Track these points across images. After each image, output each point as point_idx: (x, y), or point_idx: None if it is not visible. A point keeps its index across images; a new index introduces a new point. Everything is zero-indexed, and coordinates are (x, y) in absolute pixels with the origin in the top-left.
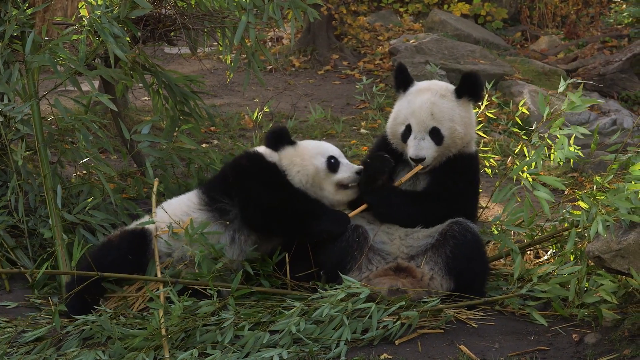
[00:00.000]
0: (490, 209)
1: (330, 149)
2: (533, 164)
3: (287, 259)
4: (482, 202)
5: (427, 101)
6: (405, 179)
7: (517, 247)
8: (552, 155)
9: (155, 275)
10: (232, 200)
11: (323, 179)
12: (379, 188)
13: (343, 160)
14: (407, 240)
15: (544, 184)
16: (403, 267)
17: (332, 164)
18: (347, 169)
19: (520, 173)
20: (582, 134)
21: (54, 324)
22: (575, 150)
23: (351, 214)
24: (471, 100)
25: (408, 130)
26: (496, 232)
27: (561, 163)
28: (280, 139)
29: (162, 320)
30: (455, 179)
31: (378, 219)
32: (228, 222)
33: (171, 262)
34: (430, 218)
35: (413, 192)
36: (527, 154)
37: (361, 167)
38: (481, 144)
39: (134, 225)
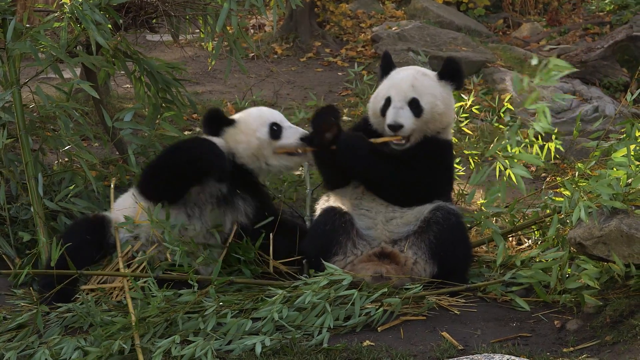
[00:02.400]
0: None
1: (272, 115)
2: (508, 146)
3: (271, 239)
4: (465, 189)
5: (409, 75)
6: (377, 142)
7: (500, 232)
8: (529, 132)
9: (117, 264)
10: None
11: (266, 148)
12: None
13: (286, 124)
14: (389, 225)
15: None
16: (387, 253)
17: (275, 131)
18: (291, 135)
19: (497, 153)
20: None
21: (37, 322)
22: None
23: (311, 149)
24: (452, 85)
25: (387, 102)
26: (478, 219)
27: (539, 138)
28: (217, 122)
29: (132, 309)
30: (426, 161)
31: (338, 164)
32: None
33: (140, 244)
34: (391, 182)
35: (383, 151)
36: (501, 135)
37: (306, 132)
38: (466, 138)
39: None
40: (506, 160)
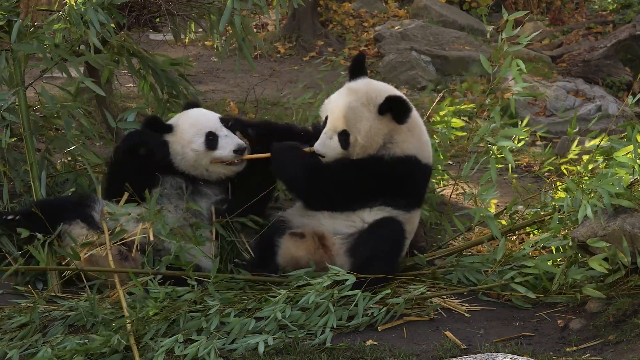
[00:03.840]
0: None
1: (208, 123)
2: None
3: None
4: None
5: (347, 104)
6: (306, 150)
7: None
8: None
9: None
10: None
11: (203, 158)
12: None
13: (222, 132)
14: (331, 221)
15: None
16: (319, 233)
17: (211, 141)
18: (226, 146)
19: (484, 135)
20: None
21: (33, 317)
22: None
23: (249, 157)
24: (393, 120)
25: (326, 121)
26: (474, 214)
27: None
28: (156, 129)
29: (126, 306)
30: (359, 173)
31: (273, 172)
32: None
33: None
34: (318, 192)
35: (317, 161)
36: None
37: (241, 143)
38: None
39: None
40: (492, 138)
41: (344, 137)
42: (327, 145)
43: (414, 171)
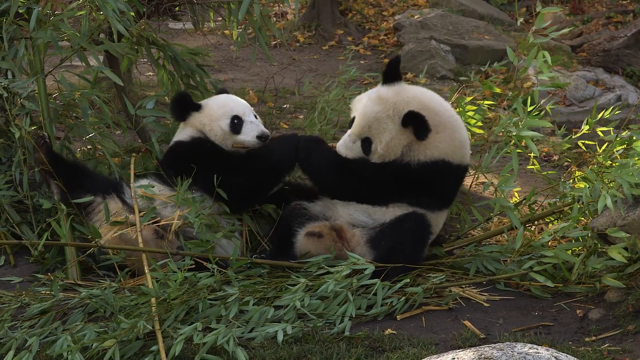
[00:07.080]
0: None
1: (236, 107)
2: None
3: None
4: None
5: (374, 113)
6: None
7: (518, 216)
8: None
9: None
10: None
11: (227, 139)
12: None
13: (248, 118)
14: (347, 209)
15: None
16: (337, 227)
17: (235, 125)
18: (249, 131)
19: (506, 125)
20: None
21: (53, 293)
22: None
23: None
24: (414, 135)
25: (352, 122)
26: (494, 203)
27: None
28: (184, 106)
29: (151, 285)
30: (377, 172)
31: (299, 165)
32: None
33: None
34: (344, 186)
35: (342, 157)
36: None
37: (265, 131)
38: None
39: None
40: (514, 128)
41: (367, 144)
42: (349, 147)
43: (442, 174)
